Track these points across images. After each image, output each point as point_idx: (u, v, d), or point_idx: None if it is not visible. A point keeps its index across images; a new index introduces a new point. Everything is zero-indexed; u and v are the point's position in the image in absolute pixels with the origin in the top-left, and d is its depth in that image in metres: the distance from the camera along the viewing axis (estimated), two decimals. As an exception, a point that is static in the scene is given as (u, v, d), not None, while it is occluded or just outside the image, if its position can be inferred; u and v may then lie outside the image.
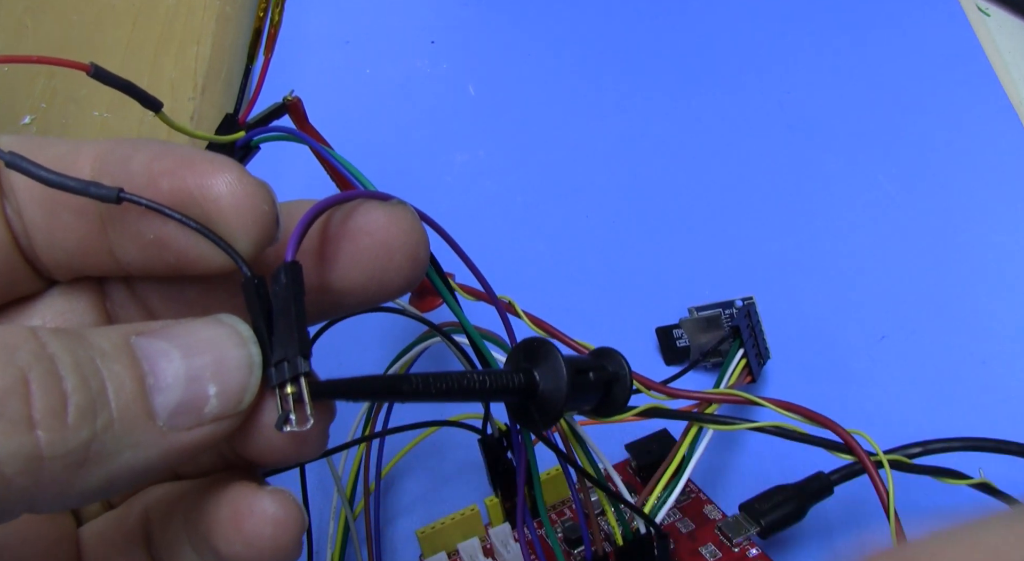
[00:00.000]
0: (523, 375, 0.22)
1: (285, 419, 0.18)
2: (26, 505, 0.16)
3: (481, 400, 0.25)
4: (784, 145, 0.52)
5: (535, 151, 0.53)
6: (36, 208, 0.20)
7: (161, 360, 0.18)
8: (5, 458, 0.15)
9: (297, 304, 0.19)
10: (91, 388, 0.16)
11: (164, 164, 0.19)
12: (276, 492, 0.20)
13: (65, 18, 0.51)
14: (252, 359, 0.18)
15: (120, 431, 0.17)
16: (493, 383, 0.22)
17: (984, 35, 0.56)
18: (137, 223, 0.19)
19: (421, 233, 0.21)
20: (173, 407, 0.17)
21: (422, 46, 0.57)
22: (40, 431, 0.16)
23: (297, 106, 0.32)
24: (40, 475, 0.16)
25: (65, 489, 0.16)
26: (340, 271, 0.21)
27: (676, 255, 0.48)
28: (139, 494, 0.23)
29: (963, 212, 0.49)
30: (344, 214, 0.21)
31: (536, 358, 0.22)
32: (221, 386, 0.18)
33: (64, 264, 0.21)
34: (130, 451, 0.17)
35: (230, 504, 0.20)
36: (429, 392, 0.20)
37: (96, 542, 0.23)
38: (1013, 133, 0.52)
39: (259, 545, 0.20)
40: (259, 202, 0.19)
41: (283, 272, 0.19)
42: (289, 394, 0.18)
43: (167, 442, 0.17)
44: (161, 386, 0.17)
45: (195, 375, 0.18)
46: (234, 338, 0.18)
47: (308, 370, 0.18)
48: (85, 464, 0.16)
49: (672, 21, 0.59)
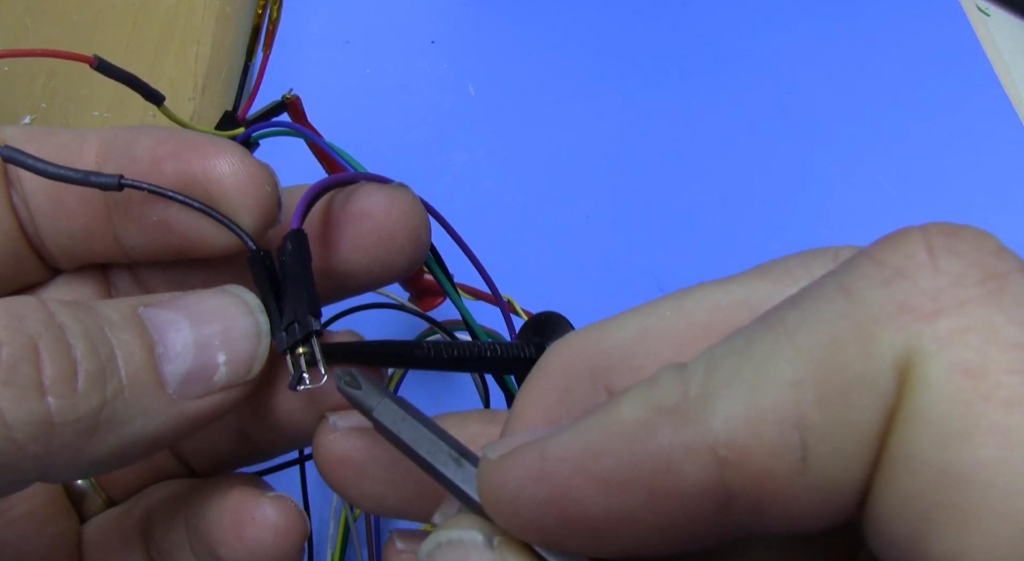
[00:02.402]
0: (534, 347, 0.22)
1: (299, 378, 0.18)
2: (38, 472, 0.16)
3: (492, 371, 0.25)
4: (784, 145, 0.52)
5: (535, 151, 0.53)
6: (41, 196, 0.20)
7: (170, 329, 0.18)
8: (17, 424, 0.15)
9: (304, 268, 0.19)
10: (100, 356, 0.16)
11: (168, 148, 0.19)
12: (278, 499, 0.20)
13: (65, 18, 0.51)
14: (260, 327, 0.19)
15: (130, 398, 0.17)
16: (504, 352, 0.22)
17: (984, 35, 0.56)
18: (140, 206, 0.19)
19: (422, 215, 0.21)
20: (183, 375, 0.18)
21: (422, 46, 0.57)
22: (51, 397, 0.16)
23: (296, 104, 0.32)
24: (51, 441, 0.16)
25: (76, 456, 0.16)
26: (343, 254, 0.21)
27: (676, 254, 0.48)
28: (142, 494, 0.23)
29: (963, 212, 0.49)
30: (345, 198, 0.21)
31: (546, 331, 0.23)
32: (230, 354, 0.18)
33: (69, 251, 0.21)
34: (141, 419, 0.17)
35: (232, 511, 0.20)
36: (441, 358, 0.20)
37: (97, 540, 0.23)
38: (1013, 133, 0.52)
39: (260, 553, 0.20)
40: (262, 182, 0.19)
41: (289, 240, 0.19)
42: (301, 355, 0.18)
43: (178, 410, 0.18)
44: (170, 355, 0.18)
45: (204, 343, 0.18)
46: (241, 307, 0.19)
47: (319, 328, 0.18)
48: (96, 431, 0.16)
49: (672, 22, 0.59)
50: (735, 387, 0.13)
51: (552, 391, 0.16)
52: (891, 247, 0.14)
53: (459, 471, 0.16)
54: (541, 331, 0.23)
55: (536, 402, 0.17)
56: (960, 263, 0.13)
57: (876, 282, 0.13)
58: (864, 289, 0.13)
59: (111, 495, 0.23)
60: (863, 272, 0.14)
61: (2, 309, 0.16)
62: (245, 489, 0.21)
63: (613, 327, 0.16)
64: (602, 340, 0.16)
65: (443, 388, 0.42)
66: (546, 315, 0.23)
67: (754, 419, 0.13)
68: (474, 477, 0.16)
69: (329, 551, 0.36)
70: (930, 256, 0.13)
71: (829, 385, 0.13)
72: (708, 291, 0.16)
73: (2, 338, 0.16)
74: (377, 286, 0.22)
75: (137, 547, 0.22)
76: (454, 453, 0.16)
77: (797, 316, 0.13)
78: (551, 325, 0.22)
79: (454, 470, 0.16)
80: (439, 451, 0.16)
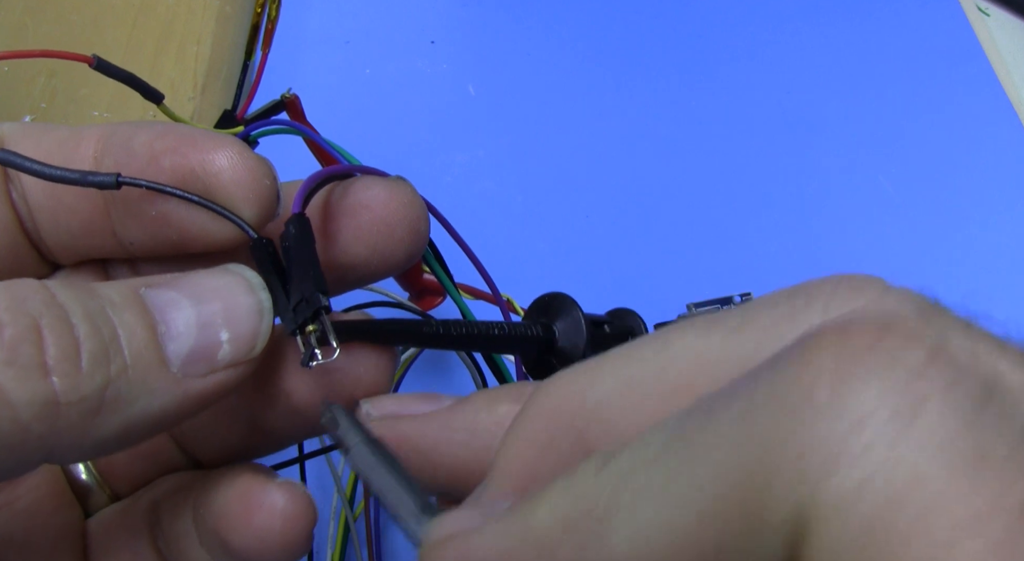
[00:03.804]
0: (541, 327, 0.22)
1: (311, 355, 0.19)
2: (44, 453, 0.16)
3: (499, 350, 0.25)
4: (784, 145, 0.52)
5: (535, 151, 0.53)
6: (40, 192, 0.20)
7: (171, 309, 0.18)
8: (21, 404, 0.15)
9: (309, 249, 0.19)
10: (103, 335, 0.16)
11: (166, 142, 0.19)
12: (286, 485, 0.20)
13: (65, 18, 0.51)
14: (262, 305, 0.19)
15: (134, 377, 0.17)
16: (512, 331, 0.22)
17: (984, 35, 0.56)
18: (139, 202, 0.19)
19: (421, 206, 0.22)
20: (186, 354, 0.18)
21: (422, 46, 0.57)
22: (55, 377, 0.16)
23: (295, 103, 0.32)
24: (56, 421, 0.16)
25: (82, 437, 0.16)
26: (343, 245, 0.21)
27: (675, 252, 0.48)
28: (147, 487, 0.23)
29: (962, 212, 0.49)
30: (344, 191, 0.21)
31: (553, 312, 0.23)
32: (233, 332, 0.18)
33: (68, 246, 0.21)
34: (145, 398, 0.17)
35: (240, 498, 0.20)
36: (449, 335, 0.21)
37: (102, 534, 0.23)
38: (1013, 133, 0.52)
39: (269, 539, 0.20)
40: (260, 175, 0.19)
41: (291, 224, 0.19)
42: (311, 332, 0.18)
43: (182, 389, 0.18)
44: (173, 334, 0.18)
45: (206, 322, 0.18)
46: (243, 285, 0.19)
47: (327, 304, 0.18)
48: (101, 411, 0.16)
49: (672, 22, 0.59)
50: (640, 507, 0.13)
51: (534, 445, 0.16)
52: (799, 366, 0.12)
53: (417, 529, 0.17)
54: (547, 311, 0.23)
55: (519, 456, 0.17)
56: (871, 393, 0.11)
57: (777, 414, 0.12)
58: (765, 423, 0.12)
59: (116, 490, 0.24)
60: (768, 395, 0.12)
61: (3, 290, 0.16)
62: (253, 476, 0.21)
63: (596, 378, 0.16)
64: (585, 393, 0.16)
65: (440, 378, 0.42)
66: (552, 296, 0.23)
67: (655, 548, 0.12)
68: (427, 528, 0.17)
69: (329, 551, 0.36)
70: (835, 384, 0.12)
71: (723, 531, 0.12)
72: (692, 340, 0.15)
73: (3, 319, 0.16)
74: (377, 278, 0.22)
75: (143, 538, 0.22)
76: (415, 509, 0.17)
77: (707, 438, 0.12)
78: (556, 305, 0.22)
79: (413, 527, 0.17)
80: (402, 504, 0.17)
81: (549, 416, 0.16)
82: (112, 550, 0.22)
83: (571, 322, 0.22)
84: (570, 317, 0.22)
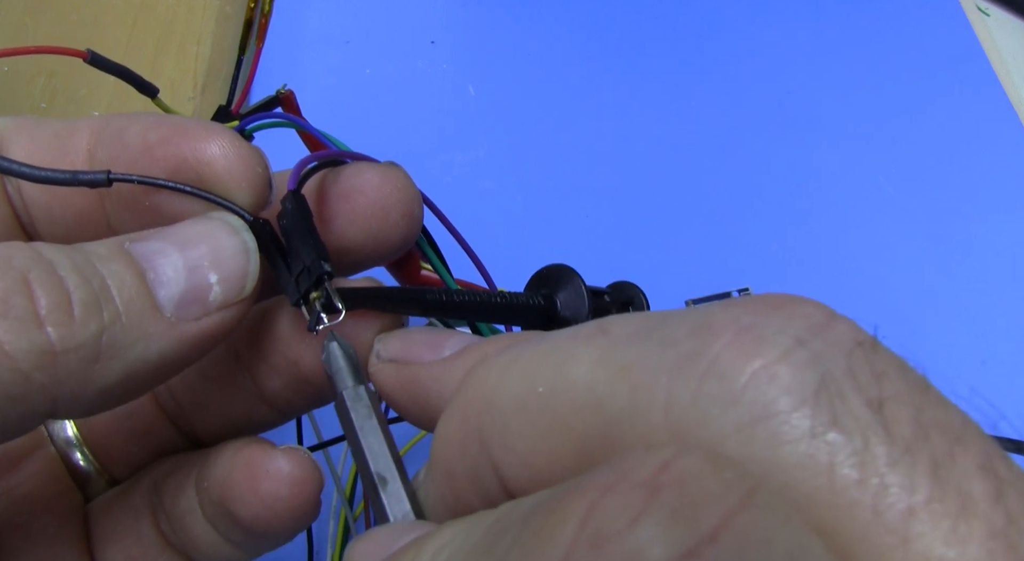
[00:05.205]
0: (542, 298, 0.22)
1: (317, 319, 0.19)
2: (48, 404, 0.16)
3: (502, 319, 0.26)
4: (784, 144, 0.52)
5: (535, 151, 0.53)
6: (35, 185, 0.20)
7: (158, 257, 0.18)
8: (19, 354, 0.15)
9: (307, 222, 0.19)
10: (92, 285, 0.17)
11: (158, 133, 0.19)
12: (290, 451, 0.20)
13: (65, 18, 0.51)
14: (248, 245, 0.19)
15: (129, 324, 0.17)
16: (513, 300, 0.22)
17: (984, 35, 0.56)
18: (133, 193, 0.20)
19: (414, 191, 0.22)
20: (178, 298, 0.18)
21: (422, 46, 0.57)
22: (49, 327, 0.16)
23: (290, 99, 0.32)
24: (56, 370, 0.16)
25: (84, 385, 0.17)
26: (338, 230, 0.21)
27: (674, 249, 0.48)
28: (147, 468, 0.23)
29: (962, 212, 0.49)
30: (337, 176, 0.21)
31: (553, 283, 0.23)
32: (222, 273, 0.18)
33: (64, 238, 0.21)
34: (142, 343, 0.17)
35: (245, 466, 0.20)
36: (452, 303, 0.21)
37: (103, 518, 0.23)
38: (1013, 133, 0.52)
39: (277, 506, 0.20)
40: (252, 164, 0.19)
41: (287, 201, 0.19)
42: (315, 299, 0.19)
43: (178, 333, 0.18)
44: (163, 280, 0.18)
45: (194, 265, 0.18)
46: (225, 228, 0.19)
47: (330, 269, 0.19)
48: (99, 358, 0.17)
49: (673, 22, 0.59)
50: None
51: (451, 444, 0.16)
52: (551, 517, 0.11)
53: (383, 494, 0.17)
54: (547, 282, 0.23)
55: (443, 451, 0.17)
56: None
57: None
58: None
59: (114, 475, 0.24)
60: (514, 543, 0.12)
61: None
62: (256, 445, 0.21)
63: (505, 379, 0.16)
64: (491, 396, 0.16)
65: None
66: (551, 267, 0.23)
67: None
68: (393, 500, 0.18)
69: (329, 551, 0.36)
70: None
71: None
72: (587, 369, 0.14)
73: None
74: (372, 264, 0.23)
75: (145, 519, 0.22)
76: (373, 480, 0.18)
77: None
78: (556, 275, 0.23)
79: (378, 492, 0.18)
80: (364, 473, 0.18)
81: (462, 416, 0.16)
82: (114, 533, 0.22)
83: (572, 291, 0.22)
84: (571, 286, 0.22)
